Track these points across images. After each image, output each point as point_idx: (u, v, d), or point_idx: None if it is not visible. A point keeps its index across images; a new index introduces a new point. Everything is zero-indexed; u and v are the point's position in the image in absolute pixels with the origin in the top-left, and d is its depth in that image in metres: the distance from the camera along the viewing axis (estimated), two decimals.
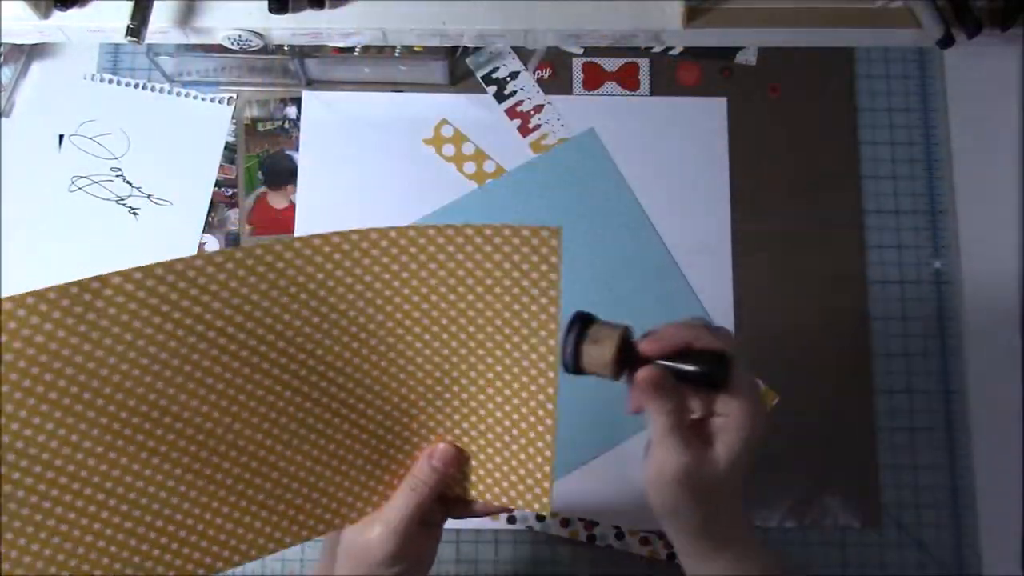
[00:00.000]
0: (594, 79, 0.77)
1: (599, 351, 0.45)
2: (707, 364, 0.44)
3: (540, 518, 0.69)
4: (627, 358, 0.45)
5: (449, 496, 0.51)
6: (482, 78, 0.77)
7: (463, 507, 0.51)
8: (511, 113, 0.76)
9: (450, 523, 0.52)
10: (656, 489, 0.46)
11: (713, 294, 0.73)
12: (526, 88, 0.76)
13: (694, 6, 0.69)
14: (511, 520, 0.69)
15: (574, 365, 0.45)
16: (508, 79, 0.77)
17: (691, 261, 0.73)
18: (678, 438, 0.44)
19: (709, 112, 0.76)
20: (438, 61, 0.73)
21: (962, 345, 0.73)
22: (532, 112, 0.76)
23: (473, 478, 0.50)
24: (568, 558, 0.69)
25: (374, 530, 0.49)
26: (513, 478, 0.49)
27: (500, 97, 0.76)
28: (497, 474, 0.50)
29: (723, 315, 0.72)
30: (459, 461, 0.50)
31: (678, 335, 0.45)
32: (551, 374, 0.46)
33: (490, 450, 0.49)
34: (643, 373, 0.44)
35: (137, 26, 0.64)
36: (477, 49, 0.77)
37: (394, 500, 0.49)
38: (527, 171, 0.75)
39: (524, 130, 0.76)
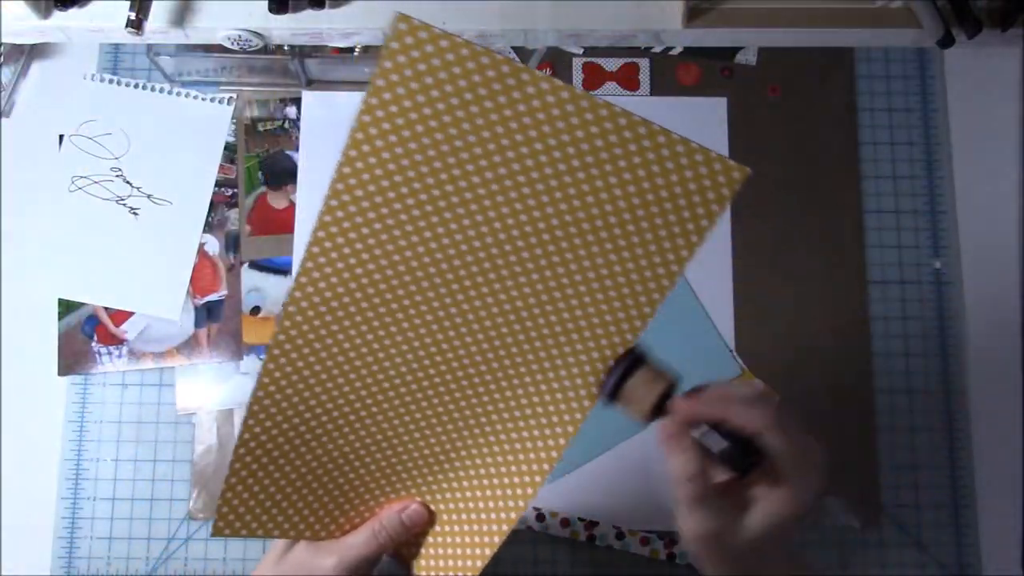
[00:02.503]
0: (594, 79, 0.77)
1: (639, 396, 0.43)
2: (731, 450, 0.43)
3: (539, 518, 0.69)
4: (662, 408, 0.43)
5: (399, 553, 0.52)
6: None
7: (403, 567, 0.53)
8: None
9: None
10: (685, 543, 0.44)
11: (713, 294, 0.73)
12: None
13: (694, 6, 0.69)
14: None
15: (610, 398, 0.44)
16: None
17: (690, 261, 0.73)
18: (698, 505, 0.42)
19: (709, 112, 0.76)
20: None
21: (962, 345, 0.73)
22: None
23: (423, 550, 0.51)
24: (568, 558, 0.69)
25: (328, 560, 0.50)
26: (452, 563, 0.50)
27: None
28: (443, 557, 0.50)
29: (723, 315, 0.72)
30: (426, 525, 0.51)
31: (712, 404, 0.43)
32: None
33: (450, 528, 0.50)
34: (661, 425, 0.43)
35: (138, 17, 0.64)
36: None
37: (355, 538, 0.50)
38: None
39: None
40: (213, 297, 0.73)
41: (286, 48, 0.72)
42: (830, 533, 0.69)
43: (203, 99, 0.76)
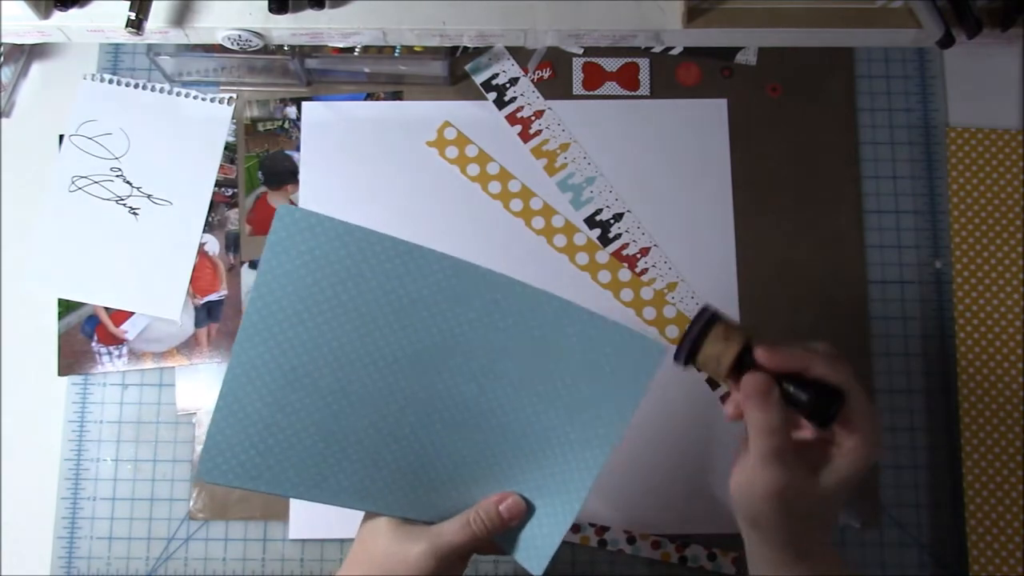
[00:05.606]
0: (594, 79, 0.77)
1: (719, 351, 0.44)
2: (817, 398, 0.44)
3: None
4: (742, 364, 0.44)
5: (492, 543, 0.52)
6: (481, 85, 0.77)
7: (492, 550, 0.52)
8: (511, 119, 0.76)
9: None
10: (742, 498, 0.45)
11: (715, 294, 0.73)
12: (526, 94, 0.76)
13: (694, 6, 0.69)
14: None
15: (687, 359, 0.45)
16: (508, 85, 0.76)
17: (693, 261, 0.73)
18: (778, 459, 0.44)
19: (709, 112, 0.76)
20: (438, 61, 0.73)
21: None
22: (532, 118, 0.76)
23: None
24: (568, 558, 0.69)
25: (417, 547, 0.48)
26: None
27: (500, 104, 0.76)
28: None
29: (728, 314, 0.72)
30: (521, 515, 0.51)
31: (795, 356, 0.45)
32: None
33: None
34: (749, 379, 0.44)
35: (138, 17, 0.64)
36: (477, 54, 0.77)
37: (448, 526, 0.49)
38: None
39: (525, 136, 0.76)
40: (213, 297, 0.73)
41: (286, 48, 0.72)
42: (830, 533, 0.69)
43: (203, 99, 0.76)
